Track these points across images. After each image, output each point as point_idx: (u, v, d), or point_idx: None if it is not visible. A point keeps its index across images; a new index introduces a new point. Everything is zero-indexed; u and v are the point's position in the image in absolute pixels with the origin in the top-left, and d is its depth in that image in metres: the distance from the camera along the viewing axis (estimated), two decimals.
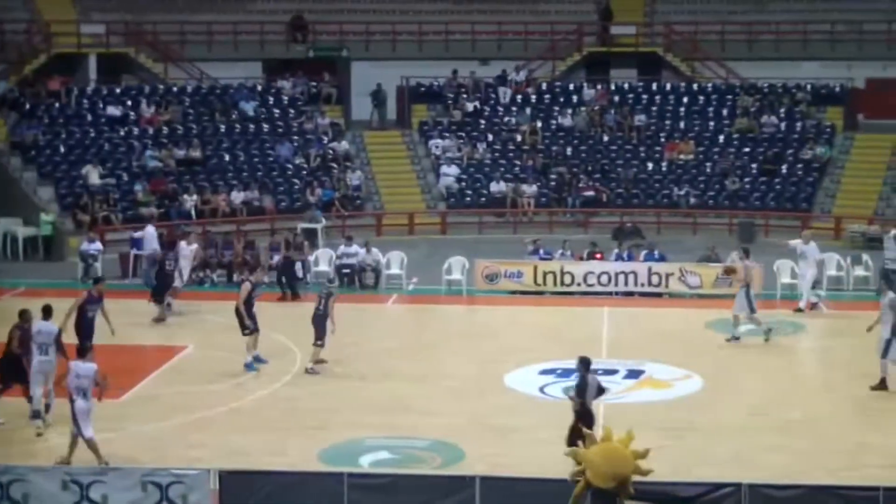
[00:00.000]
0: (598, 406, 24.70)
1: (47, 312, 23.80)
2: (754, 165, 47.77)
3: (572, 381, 26.36)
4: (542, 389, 26.27)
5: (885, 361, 25.70)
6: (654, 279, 35.35)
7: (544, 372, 27.42)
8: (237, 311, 27.39)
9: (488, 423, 23.93)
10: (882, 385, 25.68)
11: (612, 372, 27.32)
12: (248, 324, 27.31)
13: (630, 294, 35.35)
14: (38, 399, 23.22)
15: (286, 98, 49.68)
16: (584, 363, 20.88)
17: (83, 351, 21.96)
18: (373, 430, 23.16)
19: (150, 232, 36.26)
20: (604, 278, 35.46)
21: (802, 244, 33.57)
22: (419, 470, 20.91)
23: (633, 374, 27.32)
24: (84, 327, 25.93)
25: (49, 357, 23.38)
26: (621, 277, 35.33)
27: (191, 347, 29.41)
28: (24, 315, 23.76)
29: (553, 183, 47.06)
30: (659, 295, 35.19)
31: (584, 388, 20.60)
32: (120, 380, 26.46)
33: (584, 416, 20.34)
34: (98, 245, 37.31)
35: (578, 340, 30.07)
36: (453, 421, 23.89)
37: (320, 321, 27.08)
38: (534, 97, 51.25)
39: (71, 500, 19.02)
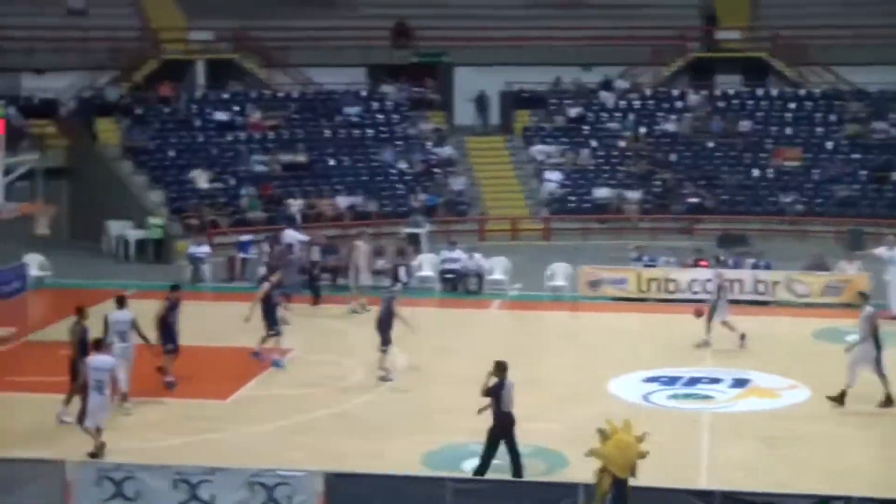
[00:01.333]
0: (702, 414, 24.65)
1: (121, 302, 24.86)
2: (864, 172, 47.18)
3: (677, 389, 26.54)
4: (645, 397, 26.19)
5: (884, 379, 25.01)
6: (760, 287, 35.05)
7: (648, 380, 27.33)
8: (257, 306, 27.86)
9: (592, 430, 23.84)
10: (888, 402, 24.92)
11: (718, 380, 27.19)
12: (271, 325, 27.74)
13: (735, 302, 35.02)
14: (125, 381, 23.96)
15: (390, 103, 49.99)
16: (500, 367, 21.04)
17: (102, 344, 22.35)
18: (476, 436, 23.18)
19: (291, 235, 36.54)
20: (709, 285, 35.12)
21: (887, 250, 33.07)
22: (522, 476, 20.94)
23: (739, 382, 27.12)
24: (166, 332, 26.21)
25: (128, 343, 24.38)
26: (726, 285, 34.97)
27: (296, 350, 29.70)
28: (82, 312, 24.14)
29: (657, 189, 46.84)
30: (765, 303, 34.87)
31: (500, 391, 20.75)
32: (224, 382, 26.98)
33: (499, 418, 20.63)
34: (206, 248, 37.84)
35: (682, 348, 29.97)
36: (556, 428, 23.89)
37: (384, 327, 27.04)
38: (638, 103, 51.05)
39: (180, 498, 19.36)
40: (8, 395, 25.83)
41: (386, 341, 26.84)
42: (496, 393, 20.82)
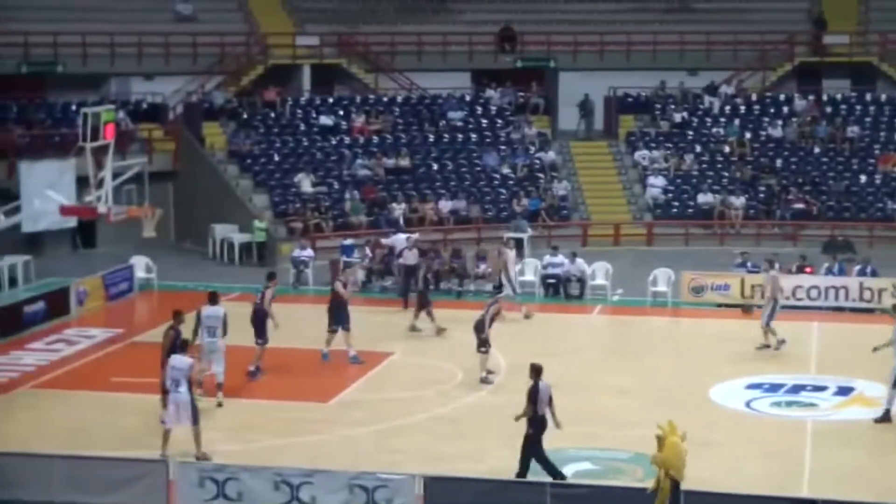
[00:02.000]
0: (807, 422, 24.42)
1: (213, 298, 25.58)
2: None
3: (780, 397, 26.28)
4: (748, 404, 25.97)
5: (894, 392, 24.53)
6: (867, 294, 34.56)
7: (751, 386, 27.10)
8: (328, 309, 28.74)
9: (692, 436, 23.61)
10: (886, 417, 24.45)
11: (822, 388, 26.90)
12: (337, 323, 28.53)
13: (840, 309, 34.64)
14: (221, 374, 25.10)
15: (494, 108, 50.06)
16: (535, 370, 21.14)
17: (184, 344, 22.87)
18: (575, 441, 23.18)
19: (400, 239, 36.71)
20: (813, 292, 34.84)
21: None
22: (621, 482, 20.89)
23: (843, 391, 26.80)
24: (259, 324, 27.32)
25: (216, 338, 25.06)
26: (831, 292, 34.64)
27: (397, 354, 29.88)
28: (178, 317, 24.48)
29: (762, 195, 46.39)
30: (871, 311, 34.37)
31: (536, 394, 20.74)
32: (327, 385, 27.21)
33: (535, 423, 20.64)
34: (309, 252, 38.15)
35: (786, 355, 29.69)
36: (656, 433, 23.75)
37: (481, 328, 27.10)
38: (743, 108, 50.60)
39: (281, 499, 19.59)
40: (114, 396, 26.30)
41: (484, 342, 26.81)
42: (532, 396, 20.89)
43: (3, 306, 32.33)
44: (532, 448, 20.73)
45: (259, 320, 27.28)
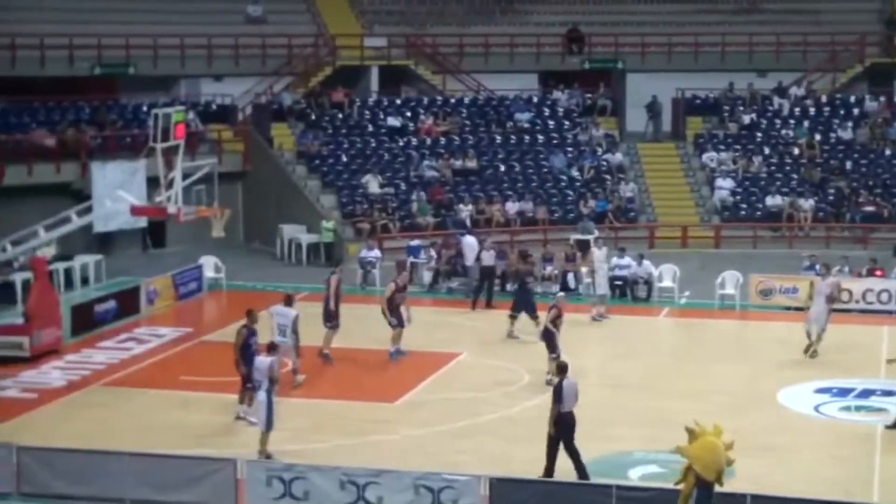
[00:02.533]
0: (877, 427, 24.21)
1: (289, 300, 26.54)
2: None
3: (849, 401, 26.08)
4: (816, 408, 25.80)
5: None
6: None
7: (820, 391, 26.93)
8: (382, 310, 29.02)
9: (759, 440, 23.63)
10: None
11: (892, 393, 26.63)
12: (391, 320, 28.89)
13: None
14: (295, 361, 26.20)
15: (561, 109, 50.01)
16: (561, 368, 21.35)
17: (270, 346, 22.99)
18: (642, 444, 23.18)
19: (470, 242, 36.80)
20: (884, 296, 34.51)
21: None
22: None
23: None
24: (328, 309, 28.41)
25: (286, 338, 25.63)
26: (837, 295, 34.14)
27: (465, 354, 29.94)
28: (251, 315, 24.69)
29: (831, 197, 46.01)
30: None
31: (560, 392, 20.82)
32: (394, 385, 27.34)
33: (559, 422, 20.73)
34: (376, 252, 38.30)
35: (855, 359, 29.47)
36: (723, 437, 23.64)
37: (549, 334, 26.94)
38: (812, 109, 50.20)
39: (347, 499, 19.70)
40: (183, 394, 26.56)
41: (553, 348, 26.77)
42: (557, 394, 20.99)
43: (76, 305, 32.73)
44: (554, 446, 20.90)
45: (325, 306, 28.34)
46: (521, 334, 30.78)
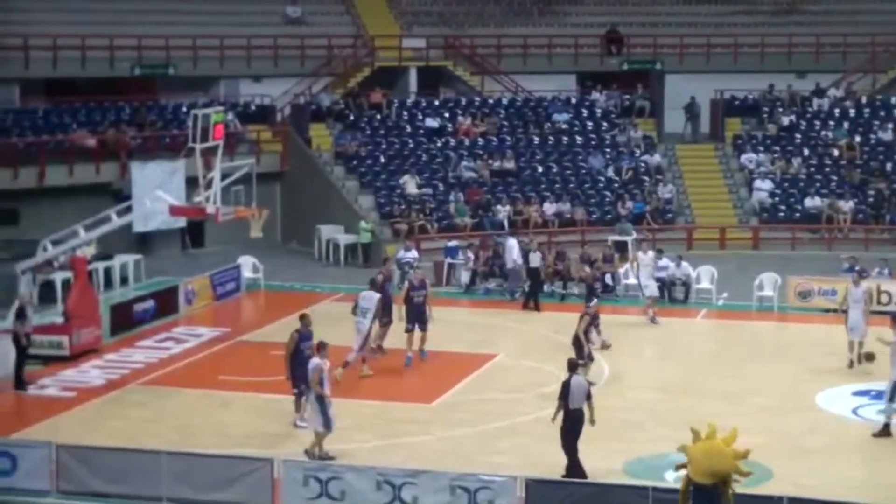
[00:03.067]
0: None
1: (373, 283, 28.06)
2: None
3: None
4: (854, 411, 25.69)
5: (891, 405, 23.90)
6: None
7: (858, 393, 26.80)
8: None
9: (797, 442, 23.58)
10: (885, 431, 23.85)
11: None
12: (407, 325, 29.02)
13: None
14: (357, 354, 27.18)
15: (599, 110, 49.93)
16: (570, 365, 21.73)
17: (321, 346, 23.00)
18: (677, 445, 23.10)
19: (512, 244, 36.77)
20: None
21: None
22: None
23: None
24: (386, 309, 28.68)
25: (365, 319, 27.14)
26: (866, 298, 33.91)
27: (501, 356, 29.95)
28: (304, 319, 24.71)
29: (871, 199, 45.75)
30: None
31: (567, 389, 21.10)
32: (431, 386, 27.40)
33: (565, 417, 21.13)
34: (414, 253, 38.29)
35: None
36: (761, 439, 23.56)
37: (578, 343, 26.76)
38: (852, 111, 49.94)
39: (384, 499, 19.76)
40: (221, 394, 26.70)
41: (581, 355, 26.33)
42: (564, 390, 21.21)
43: (115, 304, 32.94)
44: (571, 441, 21.17)
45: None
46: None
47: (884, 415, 24.13)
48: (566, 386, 21.29)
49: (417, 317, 28.97)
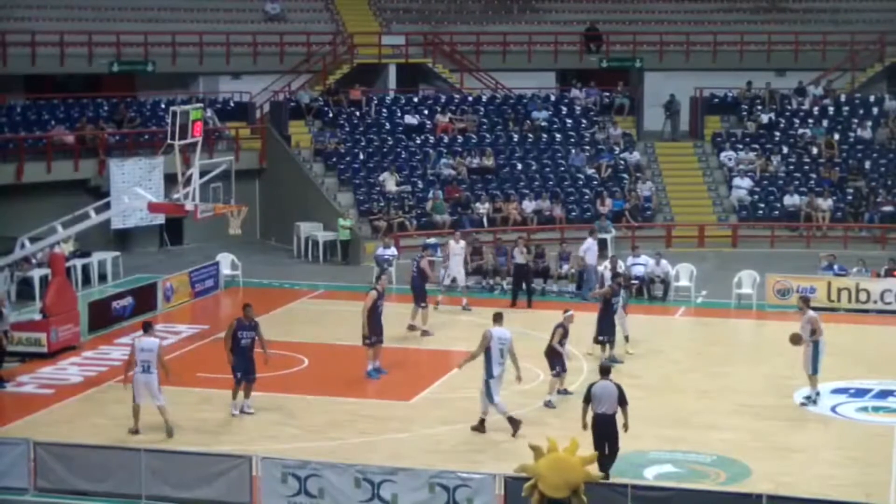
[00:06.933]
0: (894, 428, 24.15)
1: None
2: None
3: (866, 402, 26.03)
4: (833, 409, 25.74)
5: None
6: None
7: (837, 391, 26.85)
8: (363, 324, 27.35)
9: (775, 440, 23.61)
10: None
11: None
12: (366, 333, 27.17)
13: None
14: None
15: (579, 108, 49.95)
16: (603, 370, 21.43)
17: (147, 326, 23.91)
18: (657, 443, 23.16)
19: (590, 244, 36.46)
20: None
21: None
22: (703, 485, 20.81)
23: None
24: (373, 323, 27.21)
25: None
26: None
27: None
28: (246, 310, 24.95)
29: (850, 197, 45.88)
30: None
31: (589, 394, 21.02)
32: (409, 383, 27.34)
33: (594, 422, 20.89)
34: (393, 250, 38.18)
35: (873, 360, 29.43)
36: (739, 437, 23.66)
37: (552, 354, 26.16)
38: (831, 109, 50.07)
39: (362, 497, 19.71)
40: (199, 391, 26.61)
41: (553, 366, 25.97)
42: (587, 394, 21.11)
43: (93, 301, 32.82)
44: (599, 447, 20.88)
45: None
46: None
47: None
48: (589, 390, 21.04)
49: (382, 329, 27.76)
